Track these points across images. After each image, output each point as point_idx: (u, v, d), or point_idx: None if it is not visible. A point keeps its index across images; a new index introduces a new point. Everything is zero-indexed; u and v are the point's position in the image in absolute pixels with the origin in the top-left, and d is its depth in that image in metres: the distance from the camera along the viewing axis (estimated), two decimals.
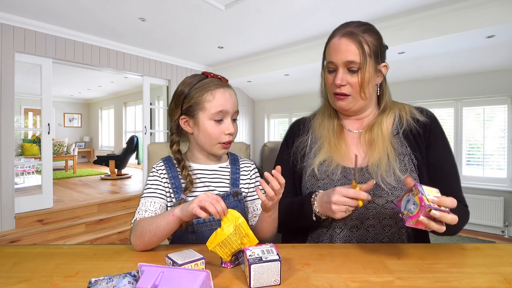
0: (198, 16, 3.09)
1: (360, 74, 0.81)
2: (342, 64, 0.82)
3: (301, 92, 5.50)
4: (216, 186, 0.89)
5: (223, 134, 0.84)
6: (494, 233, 3.53)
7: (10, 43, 3.02)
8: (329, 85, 0.87)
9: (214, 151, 0.88)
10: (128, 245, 0.77)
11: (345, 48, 0.81)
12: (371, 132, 0.88)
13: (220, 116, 0.84)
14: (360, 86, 0.82)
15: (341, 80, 0.82)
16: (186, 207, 0.68)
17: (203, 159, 0.92)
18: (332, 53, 0.83)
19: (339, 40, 0.82)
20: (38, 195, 3.39)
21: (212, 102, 0.83)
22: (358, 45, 0.80)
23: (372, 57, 0.82)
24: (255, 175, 0.96)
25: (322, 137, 0.92)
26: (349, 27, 0.83)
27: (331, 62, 0.84)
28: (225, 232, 0.63)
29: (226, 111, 0.84)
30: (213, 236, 0.63)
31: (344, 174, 0.85)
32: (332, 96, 0.88)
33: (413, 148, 0.85)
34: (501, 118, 3.60)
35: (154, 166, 0.91)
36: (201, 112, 0.84)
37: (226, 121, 0.85)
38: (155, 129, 5.90)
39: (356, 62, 0.80)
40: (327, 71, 0.87)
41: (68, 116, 9.01)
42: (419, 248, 0.74)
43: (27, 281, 0.59)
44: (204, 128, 0.84)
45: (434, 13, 2.90)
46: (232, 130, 0.85)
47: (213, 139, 0.85)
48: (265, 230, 0.82)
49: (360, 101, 0.86)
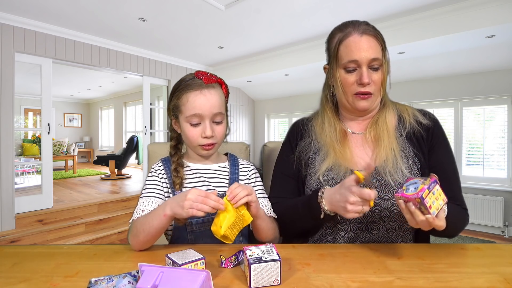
0: (198, 16, 3.09)
1: (381, 71, 0.82)
2: (367, 62, 0.80)
3: (301, 92, 5.50)
4: (215, 185, 0.89)
5: (200, 137, 0.84)
6: (494, 233, 3.53)
7: (10, 43, 3.02)
8: (349, 85, 0.83)
9: (196, 152, 0.89)
10: (128, 245, 0.77)
11: (368, 45, 0.80)
12: (377, 127, 0.88)
13: (195, 119, 0.83)
14: (381, 83, 0.83)
15: (368, 78, 0.81)
16: (179, 211, 0.67)
17: (198, 159, 0.92)
18: (354, 52, 0.80)
19: (361, 38, 0.80)
20: (38, 195, 3.39)
21: (186, 105, 0.83)
22: (379, 42, 0.82)
23: (386, 54, 0.84)
24: (254, 176, 0.95)
25: (326, 144, 0.89)
26: (362, 25, 0.83)
27: (353, 61, 0.81)
28: (232, 214, 0.65)
29: (201, 115, 0.82)
30: (221, 220, 0.64)
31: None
32: (352, 97, 0.85)
33: (416, 151, 0.84)
34: (501, 118, 3.60)
35: (153, 166, 0.92)
36: (180, 114, 0.85)
37: (203, 124, 0.83)
38: (155, 129, 5.90)
39: (379, 59, 0.81)
40: (346, 71, 0.83)
41: (68, 116, 9.01)
42: (419, 248, 0.74)
43: (27, 281, 0.59)
44: (183, 130, 0.86)
45: (434, 13, 2.90)
46: (209, 133, 0.82)
47: (192, 141, 0.85)
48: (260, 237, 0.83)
49: (378, 98, 0.87)
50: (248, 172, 0.95)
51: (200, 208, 0.65)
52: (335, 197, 0.72)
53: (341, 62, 0.83)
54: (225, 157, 0.99)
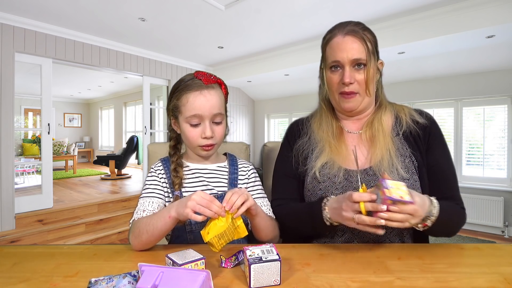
0: (198, 16, 3.09)
1: (365, 71, 0.82)
2: (349, 62, 0.81)
3: (301, 92, 5.50)
4: (214, 185, 0.89)
5: (199, 138, 0.84)
6: (494, 233, 3.53)
7: (10, 43, 3.02)
8: (334, 84, 0.86)
9: (196, 153, 0.89)
10: (128, 245, 0.77)
11: (350, 46, 0.81)
12: (372, 128, 0.88)
13: (195, 120, 0.83)
14: (366, 83, 0.83)
15: (350, 77, 0.81)
16: (181, 210, 0.67)
17: (197, 159, 0.92)
18: (337, 52, 0.82)
19: (343, 39, 0.82)
20: (38, 195, 3.39)
21: (186, 106, 0.83)
22: (362, 42, 0.82)
23: (374, 53, 0.84)
24: (253, 175, 0.95)
25: (322, 140, 0.90)
26: (349, 26, 0.83)
27: (336, 61, 0.83)
28: (224, 224, 0.63)
29: (200, 115, 0.82)
30: (209, 227, 0.63)
31: (346, 176, 0.84)
32: (338, 96, 0.86)
33: (413, 150, 0.85)
34: (501, 118, 3.60)
35: (152, 166, 0.92)
36: (180, 114, 0.85)
37: (203, 124, 0.83)
38: (155, 129, 5.90)
39: (362, 59, 0.81)
40: (331, 71, 0.85)
41: (68, 116, 9.01)
42: (419, 248, 0.74)
43: (27, 281, 0.59)
44: (182, 131, 0.86)
45: (434, 13, 2.90)
46: (209, 134, 0.83)
47: (191, 142, 0.85)
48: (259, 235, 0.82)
49: (366, 98, 0.87)
50: (247, 172, 0.95)
51: (202, 211, 0.64)
52: (334, 205, 0.73)
53: (327, 62, 0.86)
54: (224, 157, 0.99)
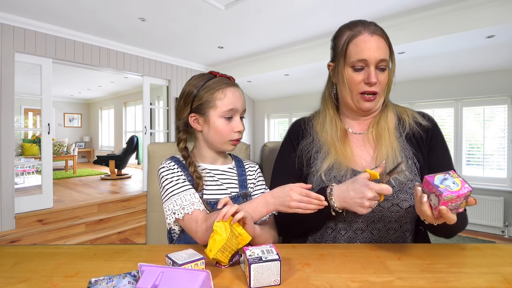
0: (198, 16, 3.09)
1: (388, 72, 0.83)
2: (375, 62, 0.80)
3: (301, 92, 5.50)
4: (227, 186, 0.89)
5: (232, 132, 0.86)
6: (494, 233, 3.53)
7: (10, 43, 3.02)
8: (356, 84, 0.83)
9: (223, 148, 0.89)
10: (128, 245, 0.77)
11: (377, 45, 0.80)
12: (378, 126, 0.88)
13: (230, 114, 0.86)
14: (386, 84, 0.84)
15: (375, 78, 0.81)
16: (281, 207, 0.74)
17: (210, 158, 0.92)
18: (364, 51, 0.80)
19: (371, 37, 0.80)
20: (38, 195, 3.39)
21: (224, 100, 0.85)
22: (388, 43, 0.83)
23: (393, 55, 0.85)
24: (260, 176, 0.98)
25: (327, 143, 0.89)
26: (372, 26, 0.83)
27: (362, 60, 0.80)
28: (223, 236, 0.62)
29: (236, 109, 0.86)
30: (211, 244, 0.62)
31: (353, 176, 0.83)
32: (358, 96, 0.85)
33: (416, 151, 0.85)
34: (501, 118, 3.60)
35: (164, 165, 0.87)
36: (212, 110, 0.85)
37: (235, 119, 0.87)
38: (155, 129, 5.90)
39: (387, 60, 0.82)
40: (353, 70, 0.83)
41: (68, 116, 9.01)
42: (419, 248, 0.74)
43: (27, 281, 0.59)
44: (215, 125, 0.86)
45: (434, 13, 2.90)
46: (241, 128, 0.88)
47: (224, 136, 0.86)
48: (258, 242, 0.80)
49: (382, 99, 0.87)
50: (254, 172, 0.97)
51: (308, 208, 0.70)
52: (348, 194, 0.71)
53: (349, 60, 0.83)
54: (230, 158, 0.99)
